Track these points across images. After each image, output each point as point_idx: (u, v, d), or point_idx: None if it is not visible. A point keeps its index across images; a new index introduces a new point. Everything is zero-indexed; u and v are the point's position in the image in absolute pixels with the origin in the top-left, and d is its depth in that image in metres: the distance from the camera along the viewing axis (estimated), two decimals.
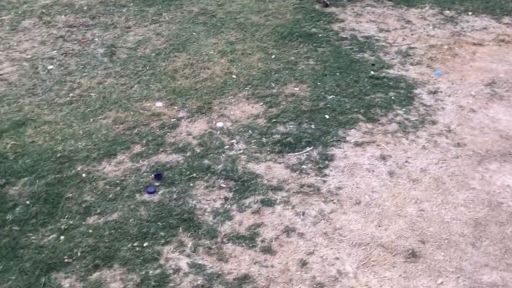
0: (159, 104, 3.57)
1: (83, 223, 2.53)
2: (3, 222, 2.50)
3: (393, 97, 3.58)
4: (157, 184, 2.80)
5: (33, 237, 2.43)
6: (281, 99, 3.58)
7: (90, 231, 2.48)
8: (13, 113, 3.44)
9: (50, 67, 4.06)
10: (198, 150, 3.08)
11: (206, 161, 2.98)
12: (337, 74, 3.86)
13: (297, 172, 2.89)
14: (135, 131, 3.26)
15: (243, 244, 2.41)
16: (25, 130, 3.24)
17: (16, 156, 3.00)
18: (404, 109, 3.44)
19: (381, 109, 3.43)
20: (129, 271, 2.26)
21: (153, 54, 4.25)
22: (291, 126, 3.30)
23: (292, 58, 4.14)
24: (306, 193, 2.73)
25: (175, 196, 2.72)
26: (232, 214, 2.59)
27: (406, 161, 2.98)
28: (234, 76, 3.89)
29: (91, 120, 3.38)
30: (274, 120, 3.35)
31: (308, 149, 3.07)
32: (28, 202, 2.65)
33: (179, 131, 3.28)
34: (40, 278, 2.21)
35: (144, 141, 3.16)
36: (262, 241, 2.43)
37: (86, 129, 3.27)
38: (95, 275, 2.25)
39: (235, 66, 4.04)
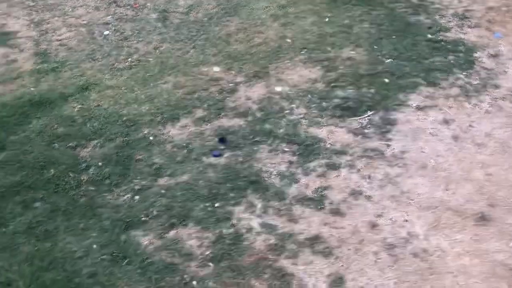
0: (216, 69, 3.60)
1: (155, 184, 2.62)
2: (79, 182, 2.61)
3: (452, 61, 3.52)
4: (222, 147, 2.86)
5: (108, 197, 2.53)
6: (338, 63, 3.56)
7: (163, 191, 2.56)
8: (76, 77, 3.52)
9: (106, 32, 4.12)
10: (259, 115, 3.12)
11: (267, 126, 3.02)
12: (393, 37, 3.80)
13: (360, 136, 2.90)
14: (195, 95, 3.31)
15: (312, 206, 2.46)
16: (90, 95, 3.33)
17: (84, 119, 3.09)
18: (464, 73, 3.39)
19: (441, 73, 3.39)
20: (203, 230, 2.34)
21: (205, 19, 4.26)
22: (350, 90, 3.29)
23: (347, 21, 4.09)
24: (370, 157, 2.75)
25: (240, 159, 2.77)
26: (298, 177, 2.64)
27: (470, 125, 2.95)
28: (288, 40, 3.87)
29: (151, 84, 3.44)
30: (333, 84, 3.35)
31: (369, 113, 3.07)
32: (100, 163, 2.74)
33: (238, 95, 3.31)
34: (120, 235, 2.31)
35: (205, 106, 3.21)
36: (330, 203, 2.47)
37: (148, 94, 3.33)
38: (172, 233, 2.34)
39: (288, 30, 4.02)
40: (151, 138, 2.94)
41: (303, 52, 3.72)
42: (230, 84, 3.42)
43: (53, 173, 2.66)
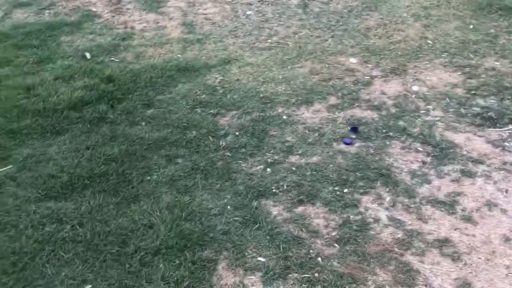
0: (353, 60, 3.62)
1: (286, 160, 2.70)
2: (217, 147, 2.76)
3: None
4: (353, 136, 2.89)
5: (243, 165, 2.65)
6: (481, 72, 3.44)
7: (293, 168, 2.65)
8: (219, 51, 3.71)
9: (249, 12, 4.28)
10: (393, 111, 3.10)
11: (401, 123, 3.00)
12: None
13: (499, 148, 2.79)
14: (330, 83, 3.36)
15: (443, 209, 2.42)
16: (231, 68, 3.49)
17: (224, 90, 3.25)
18: None
19: None
20: (330, 212, 2.39)
21: (345, 11, 4.28)
22: (492, 101, 3.17)
23: (492, 30, 3.93)
24: (509, 171, 2.64)
25: (371, 151, 2.78)
26: (430, 178, 2.60)
27: None
28: (429, 42, 3.80)
29: (289, 67, 3.53)
30: (473, 92, 3.25)
31: (511, 126, 2.94)
32: (237, 133, 2.88)
33: (373, 89, 3.31)
34: (252, 201, 2.43)
35: (340, 94, 3.24)
36: (463, 210, 2.42)
37: (285, 75, 3.43)
38: (300, 208, 2.41)
39: (430, 31, 3.94)
40: (284, 117, 3.04)
41: (444, 55, 3.64)
42: (366, 77, 3.43)
43: (194, 135, 2.84)
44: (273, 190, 2.51)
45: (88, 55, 3.54)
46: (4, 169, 2.52)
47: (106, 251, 2.11)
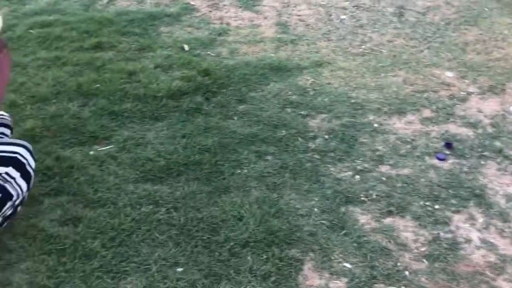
0: (449, 74, 3.52)
1: (376, 169, 2.68)
2: (306, 148, 2.78)
3: None
4: (447, 152, 2.81)
5: (332, 169, 2.66)
6: None
7: (383, 178, 2.62)
8: (311, 53, 3.73)
9: (343, 16, 4.26)
10: (489, 130, 3.00)
11: (498, 143, 2.89)
12: None
13: None
14: (425, 95, 3.29)
15: None
16: (322, 71, 3.50)
17: (315, 93, 3.27)
18: None
19: None
20: (420, 226, 2.35)
21: (442, 23, 4.18)
22: None
23: None
24: None
25: (465, 169, 2.70)
26: None
27: None
28: None
29: (382, 75, 3.49)
30: None
31: None
32: (326, 136, 2.88)
33: (469, 105, 3.21)
34: (340, 206, 2.42)
35: (434, 107, 3.17)
36: None
37: (378, 83, 3.40)
38: (389, 220, 2.38)
39: None
40: (375, 125, 3.01)
41: None
42: (462, 93, 3.33)
43: (284, 134, 2.87)
44: (362, 198, 2.50)
45: (186, 47, 3.66)
46: (106, 148, 2.65)
47: (197, 237, 2.18)
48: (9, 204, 1.91)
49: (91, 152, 2.62)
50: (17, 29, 3.77)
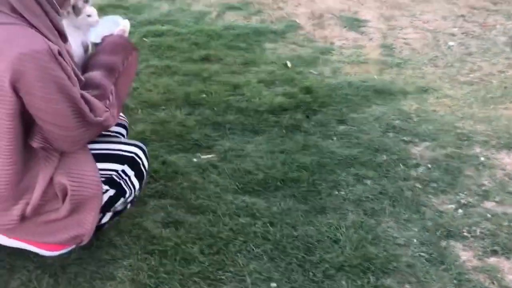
0: None
1: (481, 205, 2.55)
2: (407, 176, 2.70)
3: None
4: None
5: (433, 200, 2.56)
6: None
7: (488, 215, 2.48)
8: (417, 78, 3.64)
9: (451, 43, 4.13)
10: None
11: None
12: None
13: None
14: None
15: None
16: (428, 98, 3.40)
17: (419, 119, 3.18)
18: None
19: None
20: None
21: None
22: None
23: None
24: None
25: None
26: None
27: None
28: None
29: (491, 106, 3.33)
30: None
31: None
32: (429, 165, 2.79)
33: None
34: (440, 240, 2.33)
35: None
36: None
37: (486, 114, 3.25)
38: (493, 259, 2.25)
39: None
40: (482, 158, 2.87)
41: None
42: None
43: (385, 159, 2.81)
44: (464, 234, 2.38)
45: (289, 64, 3.71)
46: (208, 156, 2.74)
47: (292, 255, 2.18)
48: (121, 200, 2.01)
49: (194, 159, 2.71)
50: (132, 37, 4.01)
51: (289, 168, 2.68)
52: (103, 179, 1.94)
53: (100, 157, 1.94)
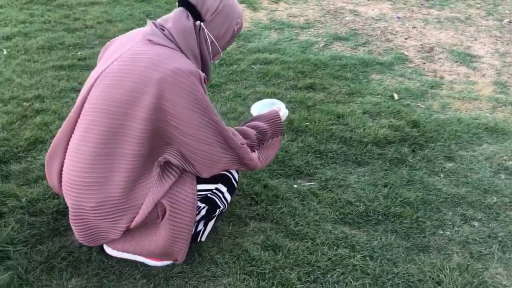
0: None
1: None
2: None
3: None
4: None
5: None
6: None
7: None
8: None
9: None
10: None
11: None
12: None
13: None
14: None
15: None
16: None
17: None
18: None
19: None
20: None
21: None
22: None
23: None
24: None
25: None
26: None
27: None
28: None
29: None
30: None
31: None
32: None
33: None
34: None
35: None
36: None
37: None
38: None
39: None
40: None
41: None
42: None
43: (495, 201, 2.66)
44: None
45: (396, 96, 3.65)
46: (309, 183, 2.75)
47: None
48: (217, 212, 2.15)
49: (295, 186, 2.74)
50: (241, 64, 4.17)
51: (392, 203, 2.62)
52: (199, 198, 2.05)
53: (198, 179, 2.04)
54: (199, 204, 2.10)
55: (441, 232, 2.46)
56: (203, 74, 1.81)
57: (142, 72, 1.74)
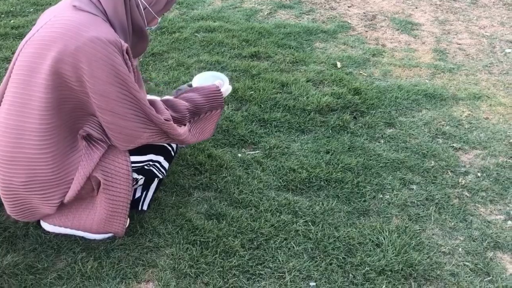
0: None
1: None
2: (456, 183, 2.63)
3: None
4: None
5: (481, 209, 2.48)
6: None
7: None
8: (470, 84, 3.53)
9: (508, 50, 3.99)
10: None
11: None
12: None
13: None
14: None
15: None
16: (480, 105, 3.30)
17: (470, 126, 3.09)
18: None
19: None
20: None
21: None
22: None
23: None
24: None
25: None
26: None
27: None
28: None
29: None
30: None
31: None
32: (479, 174, 2.71)
33: None
34: (487, 251, 2.26)
35: None
36: None
37: None
38: None
39: None
40: None
41: None
42: None
43: (433, 165, 2.75)
44: None
45: (339, 64, 3.68)
46: (253, 152, 2.75)
47: (333, 255, 2.16)
48: (155, 181, 2.20)
49: (239, 155, 2.73)
50: (184, 32, 4.07)
51: (333, 169, 2.66)
52: (135, 169, 2.01)
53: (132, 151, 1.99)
54: (136, 175, 2.05)
55: (381, 196, 2.53)
56: (125, 45, 1.72)
57: (52, 38, 1.65)
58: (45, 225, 2.09)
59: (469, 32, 4.23)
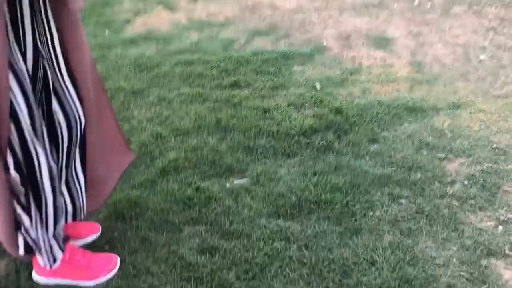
0: None
1: None
2: (444, 193, 2.65)
3: None
4: None
5: (471, 217, 2.50)
6: None
7: None
8: (448, 94, 3.59)
9: (482, 57, 4.07)
10: None
11: None
12: None
13: None
14: None
15: None
16: (461, 113, 3.35)
17: (453, 135, 3.13)
18: None
19: None
20: None
21: None
22: None
23: None
24: None
25: None
26: None
27: None
28: None
29: None
30: None
31: None
32: (465, 182, 2.73)
33: None
34: (480, 259, 2.27)
35: None
36: None
37: None
38: None
39: None
40: None
41: None
42: None
43: (419, 177, 2.77)
44: (506, 252, 2.31)
45: (318, 85, 3.72)
46: (241, 181, 2.76)
47: (329, 278, 2.16)
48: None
49: (228, 185, 2.74)
50: (163, 67, 4.11)
51: (322, 190, 2.67)
52: None
53: None
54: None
55: (371, 213, 2.54)
56: None
57: None
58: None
59: (443, 42, 4.32)
